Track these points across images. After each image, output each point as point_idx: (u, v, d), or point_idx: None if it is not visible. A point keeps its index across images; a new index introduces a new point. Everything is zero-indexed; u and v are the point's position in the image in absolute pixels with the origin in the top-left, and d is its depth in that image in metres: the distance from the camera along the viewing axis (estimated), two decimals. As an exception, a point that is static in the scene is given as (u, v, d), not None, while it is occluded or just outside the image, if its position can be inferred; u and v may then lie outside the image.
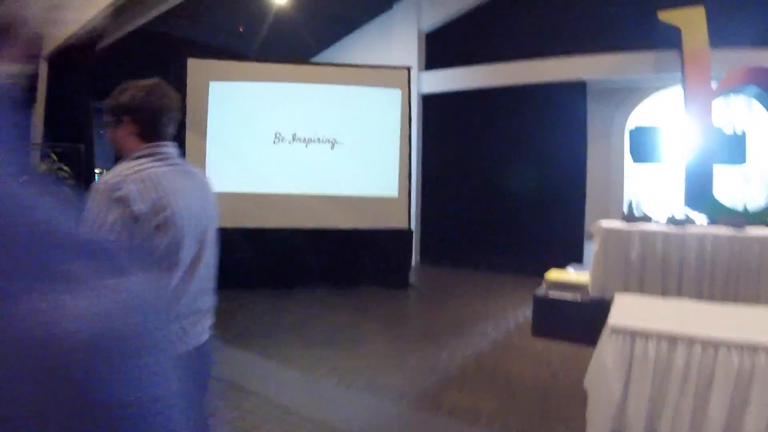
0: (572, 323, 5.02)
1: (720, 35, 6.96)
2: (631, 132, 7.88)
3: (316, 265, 7.38)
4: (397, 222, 7.60)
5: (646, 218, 5.54)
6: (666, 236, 4.87)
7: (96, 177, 8.00)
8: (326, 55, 10.80)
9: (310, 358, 4.60)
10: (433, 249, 9.46)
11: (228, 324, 5.61)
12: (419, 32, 9.53)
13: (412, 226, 8.23)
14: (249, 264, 7.27)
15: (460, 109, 9.29)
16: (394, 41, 9.70)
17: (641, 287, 4.85)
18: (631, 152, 7.87)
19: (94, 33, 7.01)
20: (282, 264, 7.31)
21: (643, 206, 7.56)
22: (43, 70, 7.62)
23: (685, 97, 7.06)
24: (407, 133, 7.70)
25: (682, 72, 7.15)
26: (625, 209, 7.84)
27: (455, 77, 9.17)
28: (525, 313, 5.91)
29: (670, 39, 7.63)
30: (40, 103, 7.57)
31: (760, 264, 4.72)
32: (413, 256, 8.93)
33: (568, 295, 5.14)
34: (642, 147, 7.64)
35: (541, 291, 5.33)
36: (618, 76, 8.13)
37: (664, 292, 4.77)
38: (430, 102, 9.52)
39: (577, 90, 8.26)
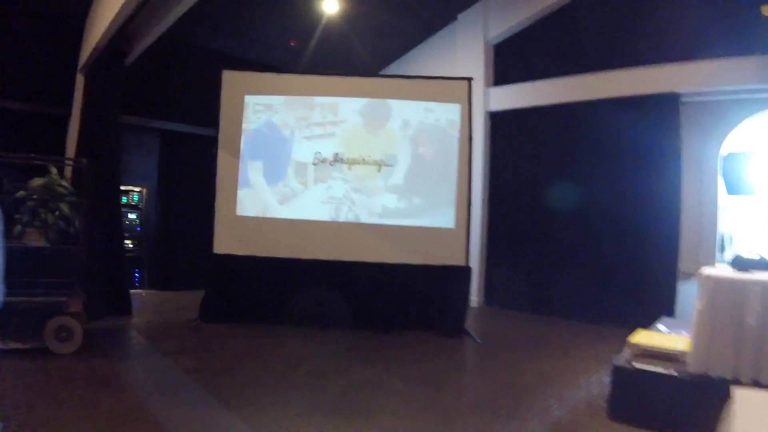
0: (664, 406, 3.67)
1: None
2: (725, 158, 6.58)
3: (355, 303, 6.34)
4: (452, 257, 6.44)
5: (763, 263, 4.16)
6: None
7: (120, 194, 7.38)
8: (386, 73, 9.96)
9: (308, 429, 3.49)
10: (499, 289, 8.25)
11: (228, 369, 4.68)
12: (486, 44, 8.51)
13: (473, 263, 7.07)
14: (277, 298, 6.36)
15: (532, 129, 8.13)
16: (459, 55, 8.71)
17: (759, 365, 3.47)
18: (725, 181, 6.52)
19: (122, 41, 6.46)
20: (314, 300, 6.33)
21: (736, 245, 6.33)
22: (80, 82, 7.16)
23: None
24: (467, 155, 6.59)
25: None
26: (719, 249, 6.62)
27: (527, 92, 8.04)
28: (602, 381, 4.55)
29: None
30: (76, 117, 7.09)
31: None
32: (473, 297, 7.75)
33: (659, 368, 3.79)
34: (737, 176, 6.34)
35: (623, 358, 4.00)
36: (716, 87, 6.70)
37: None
38: (499, 120, 8.44)
39: (669, 104, 6.93)
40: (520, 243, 8.05)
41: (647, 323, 6.64)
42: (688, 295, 6.02)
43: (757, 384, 3.42)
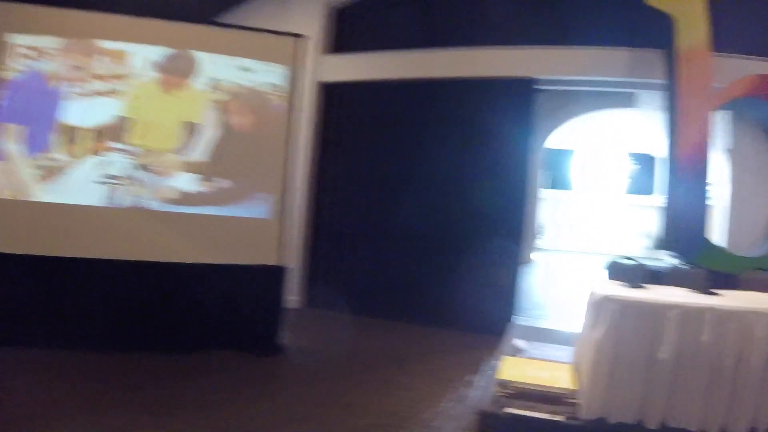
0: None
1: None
2: (548, 152, 6.26)
3: (135, 317, 4.82)
4: (266, 255, 5.14)
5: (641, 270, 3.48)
6: (720, 317, 2.75)
7: None
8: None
9: None
10: (324, 288, 6.95)
11: None
12: (326, 5, 7.25)
13: (294, 258, 5.93)
14: (22, 310, 4.66)
15: (374, 106, 7.01)
16: (296, 13, 7.37)
17: (672, 406, 2.68)
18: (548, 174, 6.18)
19: None
20: (78, 312, 4.73)
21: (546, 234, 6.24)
22: None
23: (674, 109, 5.18)
24: (291, 131, 5.33)
25: (672, 76, 5.27)
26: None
27: (371, 63, 6.91)
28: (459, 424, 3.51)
29: (650, 36, 5.83)
30: None
31: None
32: (294, 298, 6.57)
33: (540, 413, 2.86)
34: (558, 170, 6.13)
35: (489, 399, 3.04)
36: (578, 75, 6.19)
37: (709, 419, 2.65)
38: (333, 93, 7.17)
39: (523, 89, 6.32)
40: (352, 236, 6.90)
41: (494, 326, 6.04)
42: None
43: (666, 429, 2.68)
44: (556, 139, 11.08)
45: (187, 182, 5.03)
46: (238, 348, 4.87)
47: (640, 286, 3.17)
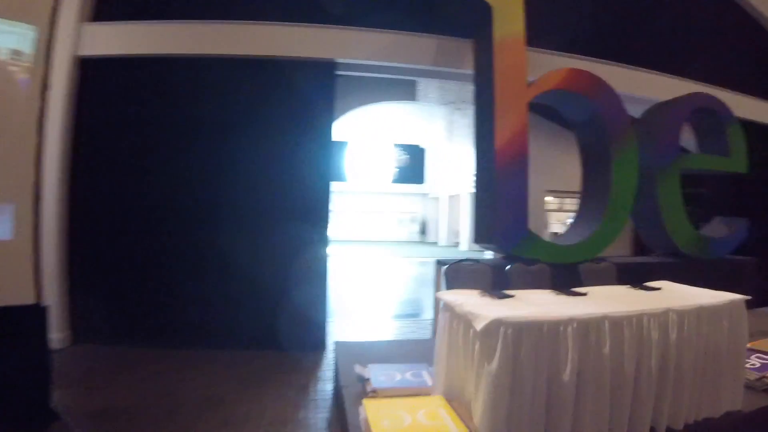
0: None
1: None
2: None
3: None
4: (13, 291, 3.64)
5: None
6: (617, 324, 2.47)
7: None
8: None
9: None
10: (95, 317, 5.28)
11: None
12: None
13: (51, 288, 4.42)
14: None
15: (147, 89, 5.51)
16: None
17: (578, 424, 2.39)
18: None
19: None
20: None
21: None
22: None
23: (487, 100, 5.12)
24: (39, 115, 3.87)
25: (484, 67, 5.20)
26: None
27: (140, 35, 5.45)
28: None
29: (458, 25, 5.78)
30: None
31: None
32: (56, 335, 4.99)
33: None
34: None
35: None
36: (381, 60, 5.80)
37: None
38: (95, 70, 5.44)
39: (323, 73, 5.71)
40: (128, 250, 5.39)
41: (310, 340, 5.41)
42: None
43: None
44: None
45: None
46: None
47: (506, 295, 2.83)
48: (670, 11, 7.90)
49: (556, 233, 22.73)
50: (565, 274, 4.07)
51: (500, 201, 4.98)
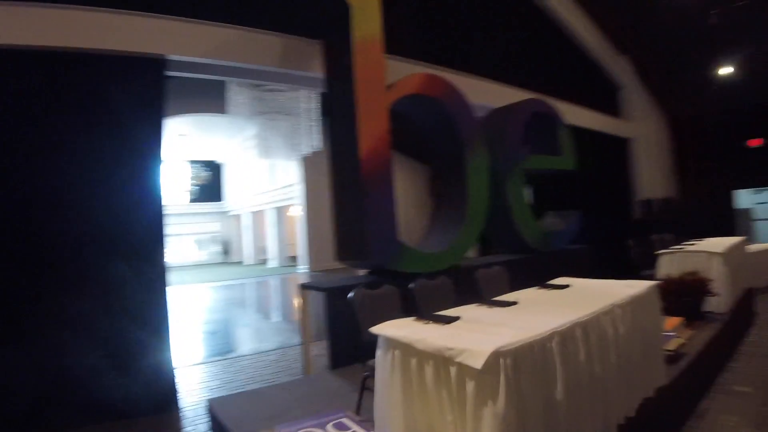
0: None
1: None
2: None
3: None
4: None
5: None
6: (586, 328, 2.24)
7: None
8: None
9: None
10: None
11: None
12: None
13: None
14: None
15: None
16: None
17: None
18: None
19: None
20: None
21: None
22: None
23: (345, 105, 4.67)
24: None
25: (340, 69, 4.73)
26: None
27: None
28: None
29: (307, 25, 5.29)
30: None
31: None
32: None
33: None
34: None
35: None
36: (222, 59, 4.99)
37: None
38: None
39: (149, 73, 4.64)
40: None
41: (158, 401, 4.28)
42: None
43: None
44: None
45: None
46: None
47: (452, 318, 2.41)
48: (509, 31, 8.64)
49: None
50: (464, 284, 3.83)
51: (370, 213, 4.58)
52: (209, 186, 26.17)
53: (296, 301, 11.33)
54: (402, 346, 2.22)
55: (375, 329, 2.40)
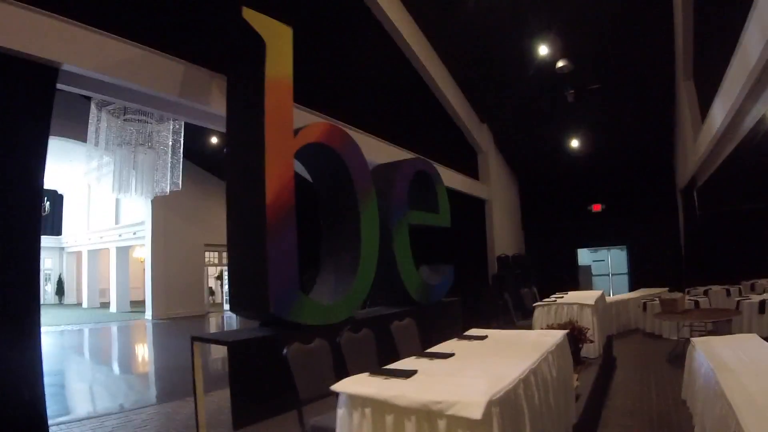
0: None
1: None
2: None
3: None
4: None
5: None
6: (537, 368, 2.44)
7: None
8: None
9: None
10: None
11: None
12: None
13: None
14: None
15: None
16: None
17: None
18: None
19: None
20: None
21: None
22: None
23: (249, 143, 4.57)
24: None
25: (254, 110, 4.61)
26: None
27: None
28: None
29: (211, 57, 5.09)
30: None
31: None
32: None
33: None
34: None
35: None
36: (109, 75, 4.54)
37: None
38: None
39: (37, 81, 4.03)
40: None
41: None
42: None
43: None
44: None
45: None
46: None
47: (411, 372, 2.40)
48: (393, 93, 9.16)
49: (211, 288, 22.21)
50: (381, 336, 3.86)
51: (271, 261, 4.41)
52: (46, 217, 23.25)
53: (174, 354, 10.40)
54: (375, 404, 2.13)
55: (337, 387, 2.26)
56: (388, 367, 2.57)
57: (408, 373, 2.38)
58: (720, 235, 12.54)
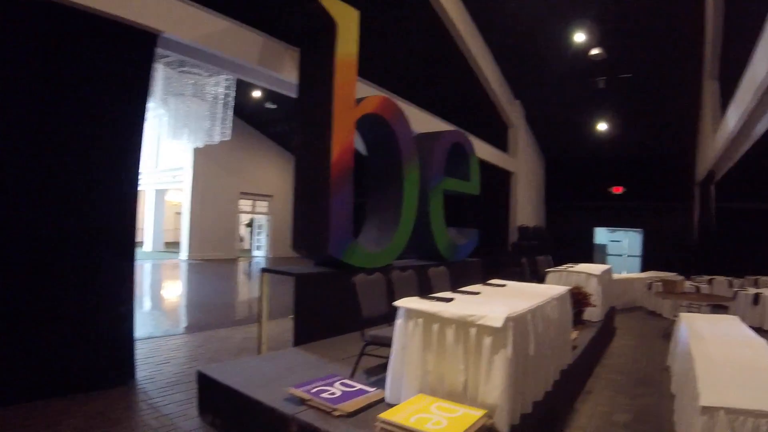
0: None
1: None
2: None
3: None
4: None
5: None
6: (543, 308, 3.23)
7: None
8: None
9: None
10: None
11: None
12: None
13: None
14: None
15: None
16: None
17: (532, 390, 2.86)
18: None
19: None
20: None
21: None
22: None
23: (318, 114, 5.36)
24: None
25: (324, 83, 5.38)
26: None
27: None
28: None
29: (286, 31, 5.85)
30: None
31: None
32: None
33: None
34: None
35: None
36: (208, 46, 5.30)
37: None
38: None
39: (140, 46, 4.62)
40: None
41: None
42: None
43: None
44: None
45: None
46: None
47: (449, 298, 3.18)
48: (436, 68, 9.79)
49: (241, 237, 23.31)
50: (421, 278, 4.73)
51: (332, 211, 5.26)
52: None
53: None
54: (426, 316, 2.93)
55: (399, 303, 3.06)
56: (432, 294, 3.42)
57: (447, 299, 3.22)
58: (733, 230, 13.09)
